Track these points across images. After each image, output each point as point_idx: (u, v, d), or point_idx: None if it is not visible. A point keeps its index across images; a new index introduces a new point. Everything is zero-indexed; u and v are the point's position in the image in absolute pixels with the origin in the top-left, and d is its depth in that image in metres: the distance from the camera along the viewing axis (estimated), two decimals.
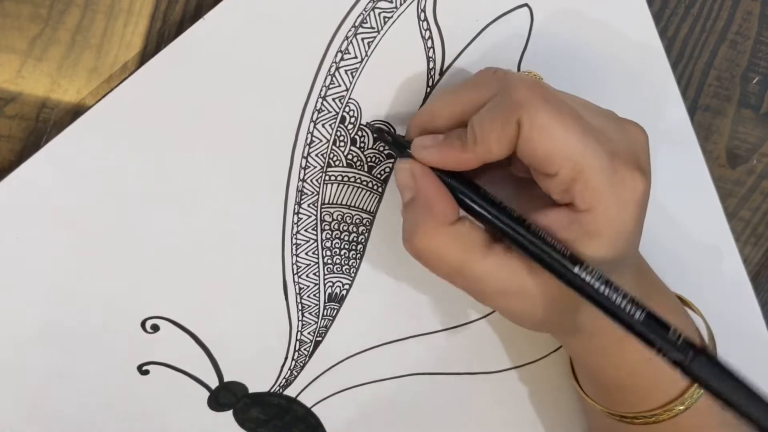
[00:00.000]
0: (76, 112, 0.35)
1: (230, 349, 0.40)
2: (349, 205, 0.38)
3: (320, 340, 0.41)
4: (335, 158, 0.37)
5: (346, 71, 0.36)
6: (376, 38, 0.35)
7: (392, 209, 0.39)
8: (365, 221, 0.39)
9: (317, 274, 0.39)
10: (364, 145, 0.37)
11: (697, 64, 0.42)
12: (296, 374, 0.41)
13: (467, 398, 0.44)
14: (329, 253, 0.39)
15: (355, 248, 0.39)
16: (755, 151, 0.44)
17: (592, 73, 0.39)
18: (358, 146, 0.37)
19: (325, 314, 0.40)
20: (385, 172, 0.38)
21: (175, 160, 0.35)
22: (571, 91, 0.34)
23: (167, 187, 0.36)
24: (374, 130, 0.36)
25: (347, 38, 0.35)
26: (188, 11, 0.35)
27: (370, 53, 0.36)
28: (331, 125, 0.36)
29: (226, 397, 0.41)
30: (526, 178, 0.33)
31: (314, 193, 0.37)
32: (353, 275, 0.40)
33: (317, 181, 0.37)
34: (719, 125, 0.43)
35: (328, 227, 0.38)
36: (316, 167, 0.37)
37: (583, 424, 0.45)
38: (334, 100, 0.36)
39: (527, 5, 0.37)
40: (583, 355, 0.37)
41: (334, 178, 0.37)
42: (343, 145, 0.37)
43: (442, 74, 0.37)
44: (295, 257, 0.38)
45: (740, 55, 0.42)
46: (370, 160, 0.38)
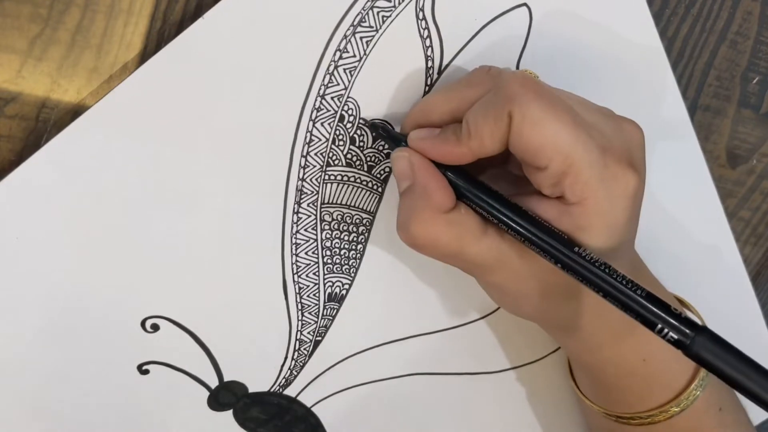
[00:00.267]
0: (76, 112, 0.35)
1: (230, 348, 0.40)
2: (348, 204, 0.38)
3: (320, 339, 0.41)
4: (334, 157, 0.37)
5: (344, 70, 0.36)
6: (374, 37, 0.35)
7: (392, 209, 0.39)
8: (365, 221, 0.39)
9: (317, 273, 0.39)
10: (363, 144, 0.37)
11: (697, 64, 0.42)
12: (296, 374, 0.41)
13: (467, 398, 0.44)
14: (329, 252, 0.39)
15: (355, 248, 0.39)
16: (755, 151, 0.44)
17: (591, 73, 0.39)
18: (357, 145, 0.37)
19: (324, 314, 0.40)
20: (384, 171, 0.38)
21: (174, 159, 0.36)
22: (570, 91, 0.34)
23: (167, 186, 0.36)
24: (370, 125, 0.37)
25: (346, 37, 0.35)
26: (188, 11, 0.35)
27: (368, 52, 0.36)
28: (330, 124, 0.36)
29: (226, 396, 0.41)
30: (523, 176, 0.33)
31: (314, 192, 0.37)
32: (353, 275, 0.40)
33: (317, 180, 0.37)
34: (719, 125, 0.43)
35: (327, 227, 0.38)
36: (315, 166, 0.37)
37: (582, 424, 0.45)
38: (333, 98, 0.36)
39: (526, 5, 0.37)
40: (580, 354, 0.37)
41: (333, 177, 0.37)
42: (342, 144, 0.37)
43: (440, 73, 0.37)
44: (294, 257, 0.38)
45: (740, 55, 0.42)
46: (369, 159, 0.38)
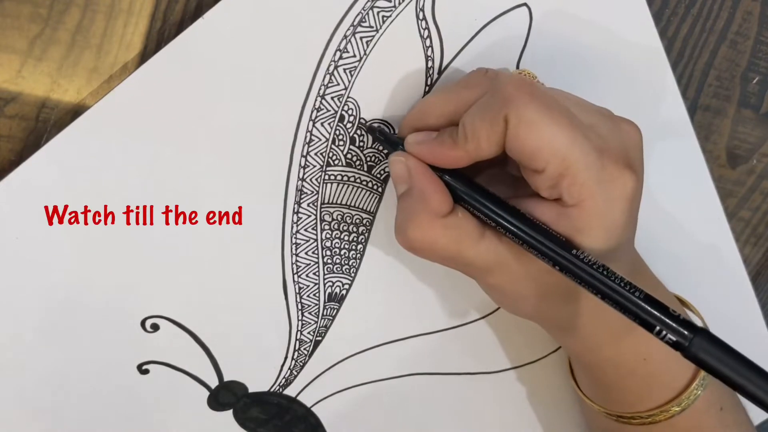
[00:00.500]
0: (76, 112, 0.35)
1: (230, 348, 0.40)
2: (348, 204, 0.38)
3: (320, 339, 0.41)
4: (334, 157, 0.37)
5: (344, 70, 0.36)
6: (374, 37, 0.35)
7: (392, 209, 0.39)
8: (365, 221, 0.39)
9: (317, 273, 0.39)
10: (363, 144, 0.37)
11: (697, 64, 0.42)
12: (296, 374, 0.41)
13: (467, 398, 0.44)
14: (329, 252, 0.39)
15: (355, 248, 0.39)
16: (755, 151, 0.44)
17: (591, 73, 0.39)
18: (357, 145, 0.37)
19: (325, 314, 0.40)
20: (384, 171, 0.38)
21: (174, 159, 0.36)
22: (570, 91, 0.34)
23: (167, 186, 0.36)
24: (367, 127, 0.37)
25: (346, 37, 0.35)
26: (188, 11, 0.35)
27: (368, 52, 0.36)
28: (330, 124, 0.36)
29: (226, 396, 0.41)
30: (521, 177, 0.33)
31: (314, 192, 0.37)
32: (353, 275, 0.40)
33: (317, 180, 0.37)
34: (719, 125, 0.43)
35: (327, 227, 0.38)
36: (315, 166, 0.37)
37: (582, 424, 0.45)
38: (333, 98, 0.36)
39: (526, 5, 0.37)
40: (579, 354, 0.37)
41: (333, 177, 0.37)
42: (342, 143, 0.37)
43: (440, 73, 0.37)
44: (294, 257, 0.38)
45: (740, 55, 0.42)
46: (369, 159, 0.38)
